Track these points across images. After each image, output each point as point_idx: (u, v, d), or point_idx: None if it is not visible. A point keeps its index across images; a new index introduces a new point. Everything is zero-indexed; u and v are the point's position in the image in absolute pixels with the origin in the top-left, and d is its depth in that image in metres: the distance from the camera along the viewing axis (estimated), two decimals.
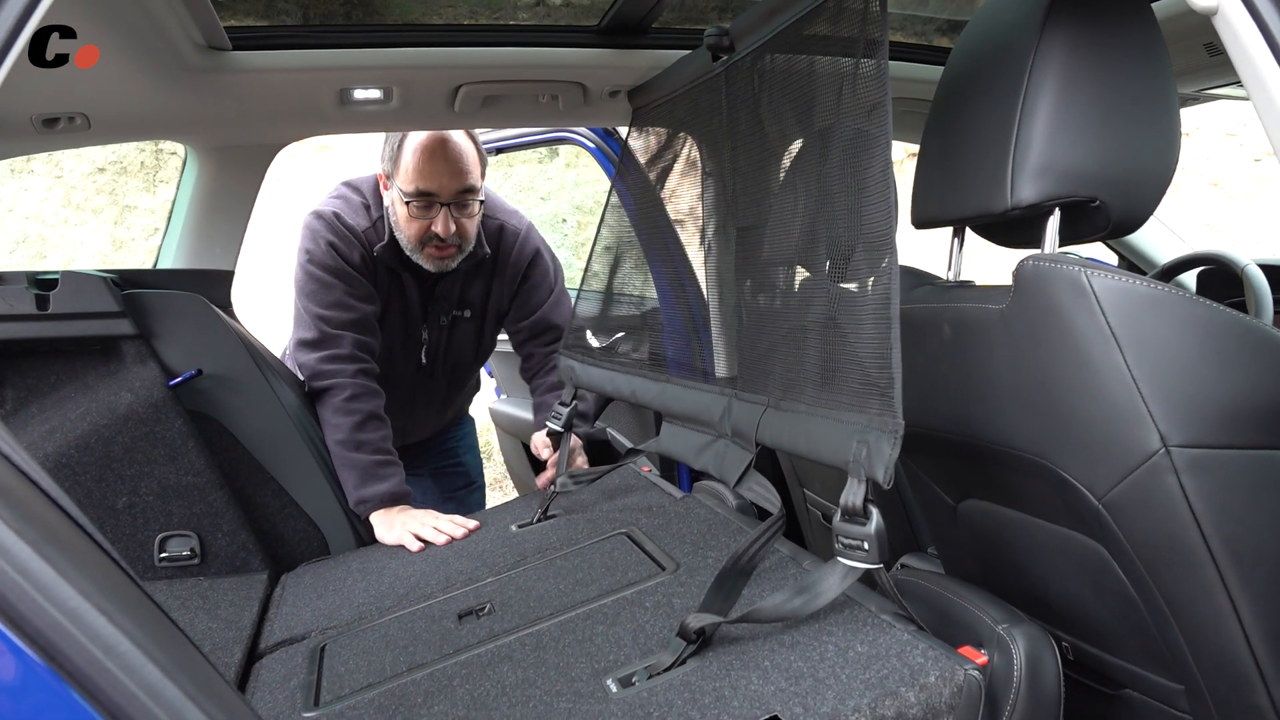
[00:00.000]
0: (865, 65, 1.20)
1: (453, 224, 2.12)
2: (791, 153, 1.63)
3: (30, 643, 0.61)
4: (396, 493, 2.07)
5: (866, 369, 1.12)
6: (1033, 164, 1.15)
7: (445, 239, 2.13)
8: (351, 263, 2.16)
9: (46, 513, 0.68)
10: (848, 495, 1.11)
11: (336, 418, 2.10)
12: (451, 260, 2.19)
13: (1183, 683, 1.18)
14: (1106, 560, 1.19)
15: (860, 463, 1.09)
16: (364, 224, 2.20)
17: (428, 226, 2.12)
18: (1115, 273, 1.07)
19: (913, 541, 2.02)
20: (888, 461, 1.05)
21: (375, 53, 1.92)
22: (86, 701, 0.61)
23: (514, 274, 2.38)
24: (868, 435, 1.09)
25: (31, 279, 1.87)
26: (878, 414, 1.08)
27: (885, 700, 1.01)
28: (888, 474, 1.05)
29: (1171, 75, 1.18)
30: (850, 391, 1.15)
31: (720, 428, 1.53)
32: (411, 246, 2.16)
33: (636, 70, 2.09)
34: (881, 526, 1.09)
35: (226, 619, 1.72)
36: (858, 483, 1.10)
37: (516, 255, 2.37)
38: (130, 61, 1.72)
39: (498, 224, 2.35)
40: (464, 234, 2.17)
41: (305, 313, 2.17)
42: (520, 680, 1.25)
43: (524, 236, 2.38)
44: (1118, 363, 1.06)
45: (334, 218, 2.18)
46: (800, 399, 1.27)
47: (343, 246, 2.16)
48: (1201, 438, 1.04)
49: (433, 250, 2.16)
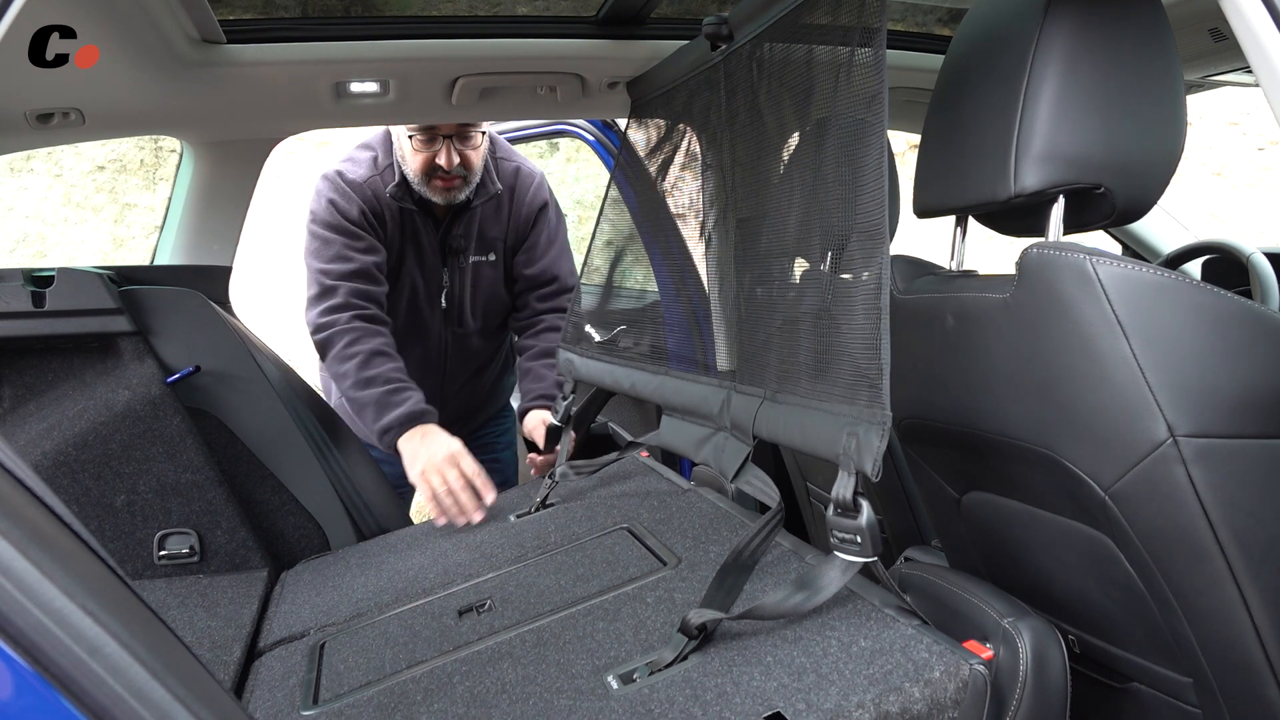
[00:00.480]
0: (862, 54, 1.18)
1: (455, 155, 2.18)
2: (791, 143, 1.62)
3: (13, 644, 0.59)
4: (413, 412, 2.04)
5: (857, 360, 1.11)
6: (1036, 151, 1.14)
7: (450, 171, 2.18)
8: (349, 217, 2.20)
9: (31, 511, 0.66)
10: (838, 488, 1.10)
11: (341, 366, 2.11)
12: (458, 191, 2.24)
13: (1191, 675, 1.17)
14: (1112, 552, 1.17)
15: (850, 455, 1.07)
16: (368, 175, 2.24)
17: (431, 159, 2.19)
18: (1121, 260, 1.05)
19: (916, 534, 2.01)
20: (875, 454, 1.04)
21: (371, 45, 1.91)
22: (72, 704, 0.60)
23: (527, 214, 2.41)
24: (857, 427, 1.08)
25: (28, 276, 1.86)
26: (866, 405, 1.07)
27: (889, 696, 0.99)
28: (875, 466, 1.04)
29: (1178, 59, 1.16)
30: (842, 383, 1.14)
31: (720, 420, 1.51)
32: (419, 181, 2.22)
33: (635, 61, 2.07)
34: (873, 519, 1.08)
35: (226, 617, 1.71)
36: (848, 475, 1.09)
37: (531, 196, 2.41)
38: (124, 55, 1.70)
39: (513, 165, 2.40)
40: (468, 165, 2.22)
41: (309, 270, 2.22)
42: (520, 677, 1.23)
43: (538, 182, 2.43)
44: (1124, 351, 1.04)
45: (336, 176, 2.24)
46: (795, 391, 1.26)
47: (341, 202, 2.21)
48: (1210, 427, 1.03)
49: (439, 182, 2.22)
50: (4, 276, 1.84)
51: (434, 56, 1.96)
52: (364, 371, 2.08)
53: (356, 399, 2.09)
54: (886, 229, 1.10)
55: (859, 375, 1.09)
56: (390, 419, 2.03)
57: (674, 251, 2.27)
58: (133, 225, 9.09)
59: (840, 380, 1.14)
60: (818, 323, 1.24)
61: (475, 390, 2.65)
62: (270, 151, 2.31)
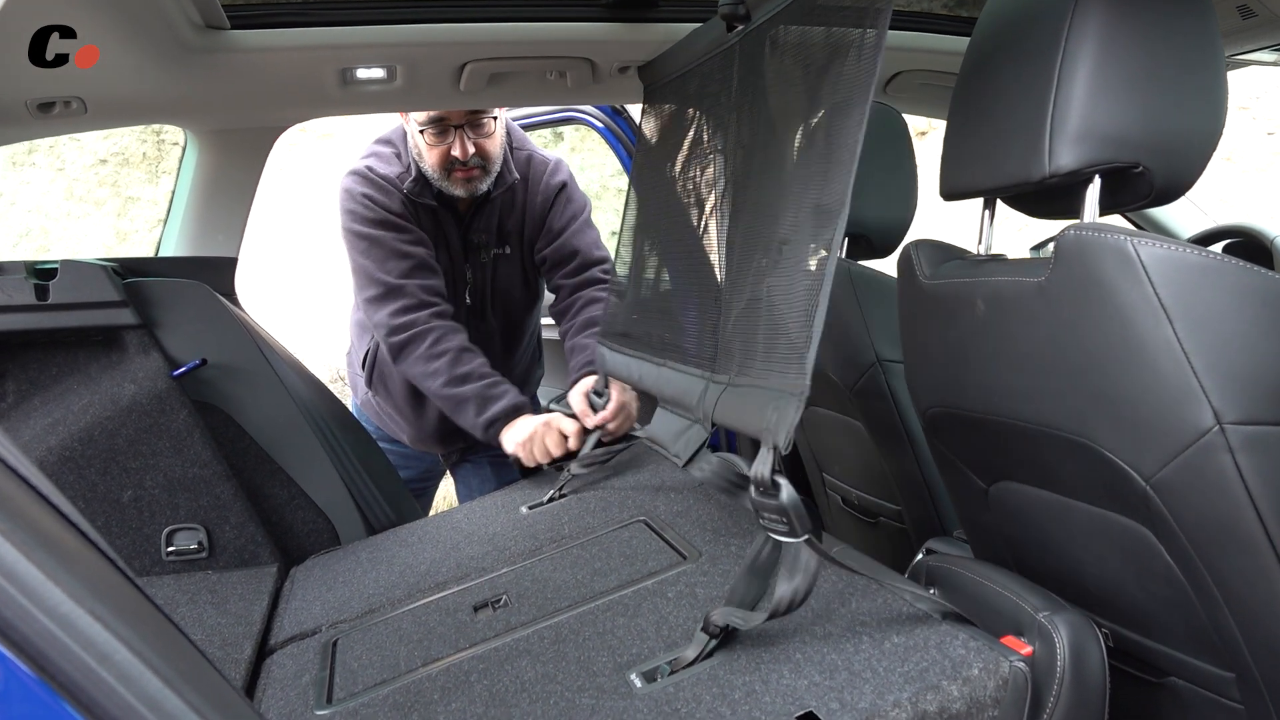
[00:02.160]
0: (869, 35, 1.15)
1: (470, 145, 2.15)
2: (790, 125, 1.58)
3: (18, 651, 0.56)
4: (517, 404, 2.07)
5: (791, 334, 1.09)
6: (1072, 129, 1.09)
7: (466, 161, 2.15)
8: (392, 210, 2.18)
9: (36, 511, 0.63)
10: (756, 466, 1.07)
11: (430, 364, 2.10)
12: (479, 182, 2.21)
13: (1233, 670, 1.13)
14: (1152, 543, 1.14)
15: (770, 430, 1.05)
16: (398, 170, 2.22)
17: (447, 151, 2.15)
18: (1163, 241, 1.01)
19: (937, 525, 1.97)
20: (789, 426, 1.01)
21: (378, 30, 1.87)
22: (81, 714, 0.57)
23: (543, 201, 2.38)
24: (780, 401, 1.05)
25: (30, 269, 1.83)
26: (794, 378, 1.05)
27: (927, 694, 0.96)
28: (787, 439, 1.01)
29: (1217, 32, 1.12)
30: (780, 359, 1.13)
31: (696, 411, 1.49)
32: (438, 176, 2.18)
33: (647, 45, 2.02)
34: (794, 497, 1.05)
35: (236, 614, 1.69)
36: (766, 450, 1.06)
37: (545, 183, 2.38)
38: (126, 42, 1.67)
39: (526, 154, 2.38)
40: (484, 154, 2.19)
41: (363, 271, 2.18)
42: (540, 675, 1.20)
43: (553, 167, 2.40)
44: (1168, 336, 1.00)
45: (367, 170, 2.21)
46: (748, 373, 1.25)
47: (380, 197, 2.18)
48: (1258, 414, 0.99)
49: (459, 174, 2.18)
50: (6, 269, 1.81)
51: (442, 41, 1.92)
52: (457, 368, 2.08)
53: (453, 395, 2.08)
54: (847, 203, 1.07)
55: (791, 348, 1.08)
56: (495, 411, 2.05)
57: (685, 240, 2.24)
58: (136, 219, 9.06)
59: (779, 357, 1.13)
60: (769, 302, 1.22)
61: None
62: (275, 141, 2.27)
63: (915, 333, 1.47)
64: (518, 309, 2.50)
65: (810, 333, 1.02)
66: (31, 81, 1.70)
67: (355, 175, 2.22)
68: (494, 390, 2.07)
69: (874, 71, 1.09)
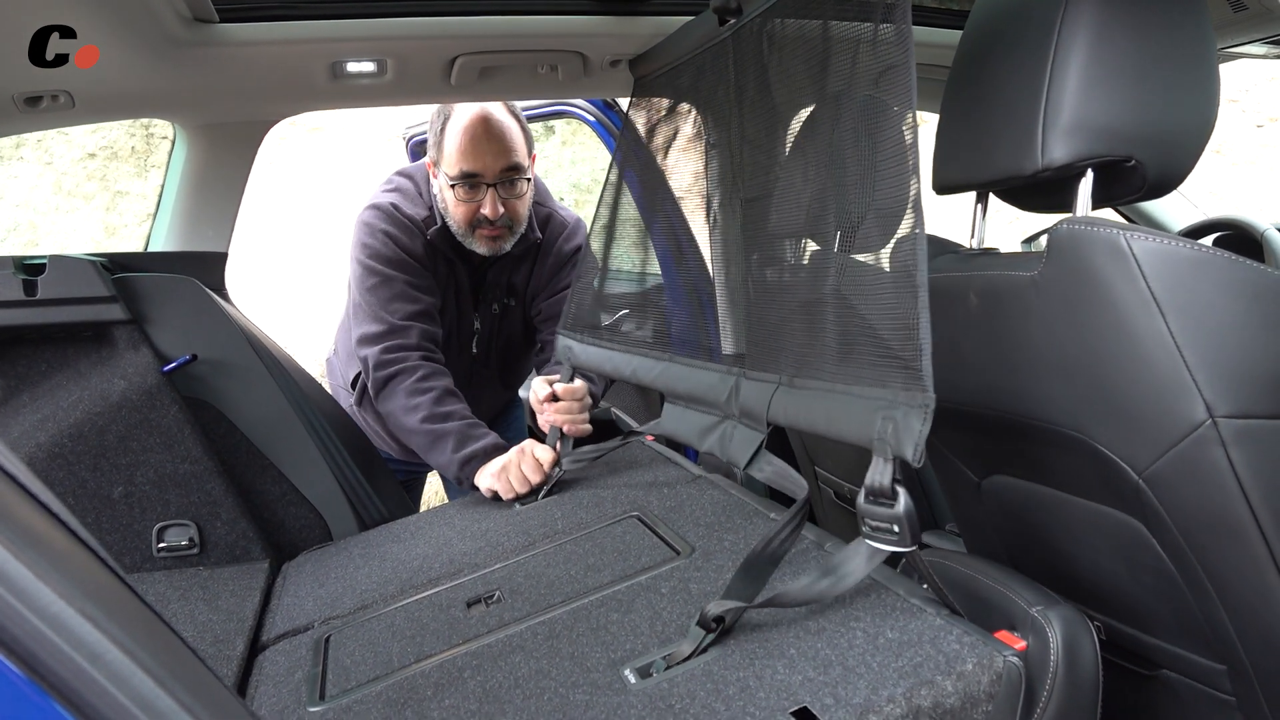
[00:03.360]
0: (884, 30, 1.14)
1: (500, 205, 2.10)
2: (800, 120, 1.58)
3: (8, 652, 0.56)
4: (496, 443, 2.00)
5: (888, 341, 1.06)
6: (1065, 122, 1.09)
7: (495, 221, 2.10)
8: (413, 253, 2.14)
9: (24, 509, 0.62)
10: (874, 475, 1.05)
11: (413, 399, 2.04)
12: (504, 242, 2.17)
13: (1225, 662, 1.14)
14: (1144, 537, 1.14)
15: (886, 440, 1.03)
16: (422, 213, 2.17)
17: (476, 209, 2.10)
18: (1156, 235, 1.01)
19: (930, 519, 1.98)
20: (918, 438, 0.99)
21: (368, 24, 1.86)
22: (71, 715, 0.56)
23: (556, 263, 2.35)
24: (894, 411, 1.03)
25: (18, 264, 1.81)
26: (903, 388, 1.02)
27: (921, 689, 0.96)
28: (918, 452, 0.99)
29: (1210, 25, 1.12)
30: (872, 366, 1.09)
31: (728, 408, 1.47)
32: (463, 232, 2.14)
33: (638, 38, 2.02)
34: (911, 507, 1.03)
35: (228, 610, 1.68)
36: (884, 461, 1.04)
37: (562, 244, 2.35)
38: (113, 36, 1.66)
39: (547, 213, 2.34)
40: (514, 215, 2.15)
41: (367, 307, 2.12)
42: (534, 671, 1.20)
43: (572, 228, 2.37)
44: (1160, 329, 1.00)
45: (391, 209, 2.15)
46: (817, 375, 1.22)
47: (403, 237, 2.13)
48: (1250, 407, 0.99)
49: (484, 232, 2.14)
50: None
51: (432, 35, 1.91)
52: (440, 406, 2.03)
53: (432, 430, 2.02)
54: (910, 205, 1.05)
55: (891, 356, 1.05)
56: (473, 449, 1.98)
57: (677, 234, 2.23)
58: (125, 213, 9.01)
59: (869, 363, 1.09)
60: (839, 304, 1.19)
61: (494, 408, 2.65)
62: (265, 135, 2.26)
63: None
64: (518, 356, 2.51)
65: (918, 343, 1.00)
66: (18, 75, 1.68)
67: (379, 211, 2.16)
68: (474, 431, 2.02)
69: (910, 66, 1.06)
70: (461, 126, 2.04)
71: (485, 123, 2.04)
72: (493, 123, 2.04)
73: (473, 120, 2.04)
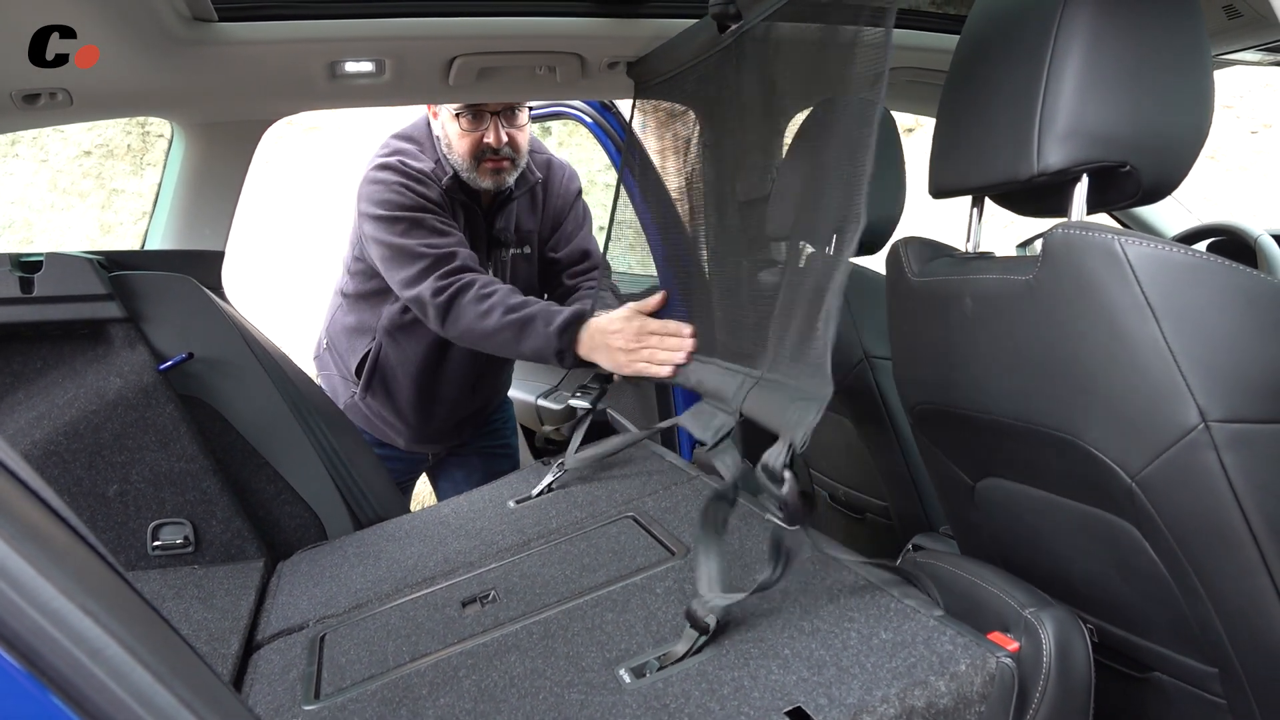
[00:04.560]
0: (870, 34, 1.15)
1: (504, 134, 2.16)
2: (795, 125, 1.59)
3: (9, 647, 0.56)
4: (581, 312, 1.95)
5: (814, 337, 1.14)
6: (1060, 127, 1.10)
7: (499, 150, 2.15)
8: (431, 199, 2.16)
9: (25, 505, 0.62)
10: (767, 456, 1.12)
11: (483, 304, 1.99)
12: (508, 174, 2.22)
13: (1216, 665, 1.14)
14: (1137, 540, 1.15)
15: (788, 426, 1.11)
16: (430, 165, 2.21)
17: (480, 139, 2.15)
18: (1151, 240, 1.02)
19: (924, 521, 1.98)
20: (807, 427, 1.09)
21: (367, 24, 1.86)
22: (72, 710, 0.56)
23: (560, 205, 2.41)
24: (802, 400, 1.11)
25: (15, 261, 1.81)
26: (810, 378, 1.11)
27: (914, 690, 0.96)
28: (803, 437, 1.09)
29: (1205, 32, 1.13)
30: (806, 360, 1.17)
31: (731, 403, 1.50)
32: (467, 166, 2.18)
33: (637, 41, 2.02)
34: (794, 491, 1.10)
35: (222, 609, 1.68)
36: (783, 445, 1.12)
37: (564, 188, 2.42)
38: (113, 35, 1.66)
39: (546, 158, 2.41)
40: (516, 146, 2.20)
41: (403, 251, 2.08)
42: (529, 670, 1.20)
43: (570, 174, 2.44)
44: (1154, 334, 1.01)
45: (400, 164, 2.17)
46: (778, 369, 1.30)
47: (418, 186, 2.15)
48: (1243, 412, 1.00)
49: (489, 164, 2.18)
50: None
51: (431, 35, 1.91)
52: (514, 298, 1.99)
53: (515, 318, 1.95)
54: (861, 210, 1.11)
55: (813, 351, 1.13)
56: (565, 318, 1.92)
57: (677, 238, 2.24)
58: (120, 211, 8.99)
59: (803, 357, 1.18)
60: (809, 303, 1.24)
61: (502, 376, 2.63)
62: (263, 134, 2.26)
63: (903, 330, 1.48)
64: None
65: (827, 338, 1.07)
66: (16, 72, 1.68)
67: (386, 168, 2.16)
68: (554, 307, 1.97)
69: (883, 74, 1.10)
70: None
71: None
72: None
73: None
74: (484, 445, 2.67)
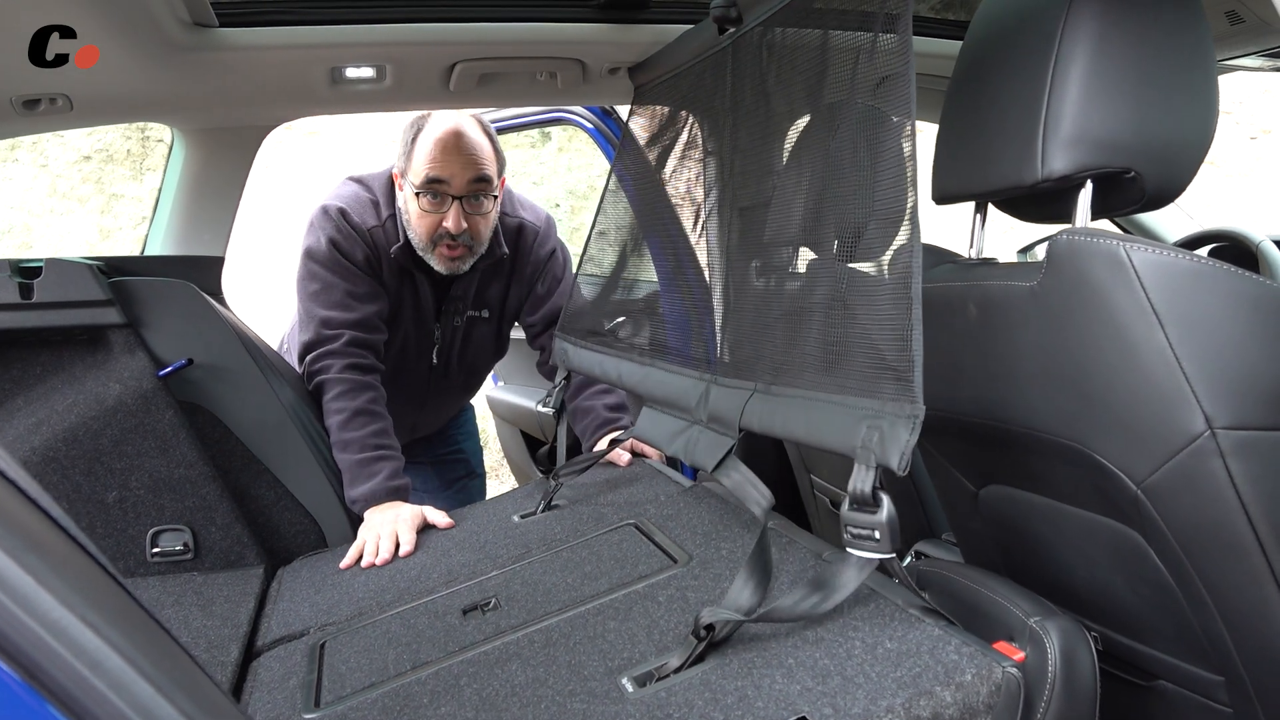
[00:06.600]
0: (886, 40, 1.14)
1: (464, 220, 2.04)
2: (797, 129, 1.58)
3: (8, 659, 0.55)
4: (377, 491, 1.95)
5: (880, 351, 1.07)
6: (1065, 133, 1.10)
7: (456, 236, 2.05)
8: (354, 260, 2.08)
9: (24, 514, 0.62)
10: (855, 482, 1.06)
11: (328, 419, 2.05)
12: (463, 262, 2.12)
13: (1222, 674, 1.14)
14: (1142, 547, 1.14)
15: (870, 449, 1.04)
16: (371, 222, 2.12)
17: (439, 222, 2.04)
18: (1155, 246, 1.02)
19: (926, 528, 1.98)
20: (904, 448, 1.00)
21: (368, 29, 1.86)
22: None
23: (532, 273, 2.32)
24: (880, 421, 1.04)
25: (15, 267, 1.81)
26: (892, 399, 1.03)
27: (920, 700, 0.96)
28: (904, 460, 1.01)
29: (1210, 38, 1.12)
30: (859, 375, 1.10)
31: (696, 414, 1.49)
32: (423, 246, 2.08)
33: (638, 46, 2.02)
34: (894, 514, 1.05)
35: (222, 616, 1.67)
36: (866, 469, 1.06)
37: (535, 254, 2.30)
38: (113, 38, 1.65)
39: (516, 222, 2.28)
40: (475, 233, 2.08)
41: (306, 314, 2.10)
42: (530, 679, 1.20)
43: (542, 234, 2.32)
44: (1159, 341, 1.01)
45: (339, 214, 2.09)
46: (797, 383, 1.23)
47: (345, 244, 2.08)
48: (1249, 419, 0.99)
49: (444, 249, 2.07)
50: None
51: (431, 41, 1.91)
52: (343, 434, 2.00)
53: (337, 459, 2.02)
54: (910, 215, 1.06)
55: (882, 367, 1.06)
56: (358, 492, 1.95)
57: (674, 242, 2.23)
58: (120, 216, 8.98)
59: (856, 372, 1.10)
60: (830, 313, 1.20)
61: (450, 415, 2.65)
62: (263, 139, 2.26)
63: None
64: (484, 364, 2.49)
65: (910, 354, 1.01)
66: (16, 77, 1.68)
67: (327, 215, 2.11)
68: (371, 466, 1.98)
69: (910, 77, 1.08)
70: (434, 137, 2.00)
71: (458, 135, 2.01)
72: (465, 135, 2.01)
73: (446, 131, 2.01)
74: (437, 454, 2.66)
